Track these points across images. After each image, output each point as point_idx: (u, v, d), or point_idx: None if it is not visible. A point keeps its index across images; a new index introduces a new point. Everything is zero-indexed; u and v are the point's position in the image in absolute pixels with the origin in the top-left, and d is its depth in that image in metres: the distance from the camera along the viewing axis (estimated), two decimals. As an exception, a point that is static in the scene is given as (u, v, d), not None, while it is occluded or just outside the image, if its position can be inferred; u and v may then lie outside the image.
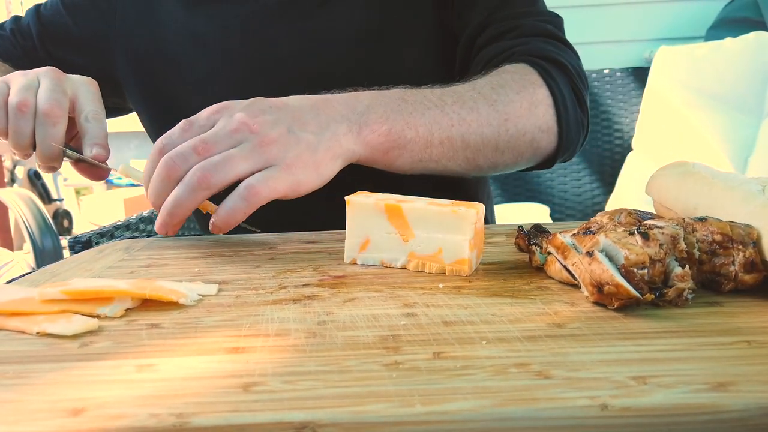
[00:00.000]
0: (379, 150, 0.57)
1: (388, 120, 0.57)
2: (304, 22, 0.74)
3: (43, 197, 3.03)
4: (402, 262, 0.48)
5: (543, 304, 0.39)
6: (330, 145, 0.54)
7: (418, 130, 0.58)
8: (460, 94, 0.61)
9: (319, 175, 0.53)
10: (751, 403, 0.26)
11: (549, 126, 0.65)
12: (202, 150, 0.49)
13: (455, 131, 0.60)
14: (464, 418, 0.26)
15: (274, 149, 0.50)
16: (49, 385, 0.29)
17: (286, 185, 0.50)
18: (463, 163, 0.62)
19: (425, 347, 0.32)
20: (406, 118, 0.58)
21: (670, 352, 0.31)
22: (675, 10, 2.09)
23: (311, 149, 0.52)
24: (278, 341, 0.34)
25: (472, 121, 0.60)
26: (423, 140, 0.59)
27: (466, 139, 0.60)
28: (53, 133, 0.59)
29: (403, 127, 0.57)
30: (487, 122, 0.61)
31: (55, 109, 0.59)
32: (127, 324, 0.37)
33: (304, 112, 0.54)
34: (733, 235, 0.39)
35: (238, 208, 0.49)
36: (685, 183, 0.50)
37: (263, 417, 0.26)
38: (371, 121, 0.56)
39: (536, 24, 0.71)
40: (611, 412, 0.26)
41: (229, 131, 0.50)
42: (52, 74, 0.62)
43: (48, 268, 0.53)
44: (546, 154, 0.68)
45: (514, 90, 0.63)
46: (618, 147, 2.00)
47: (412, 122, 0.58)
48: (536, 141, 0.65)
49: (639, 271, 0.37)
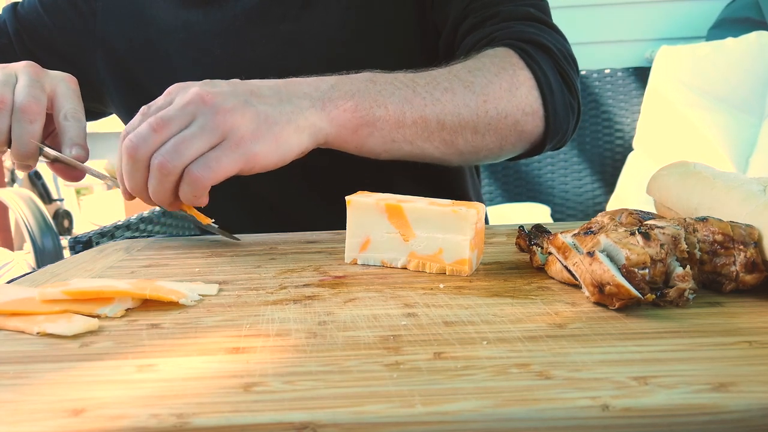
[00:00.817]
0: (346, 128, 0.55)
1: (354, 97, 0.55)
2: (287, 24, 0.73)
3: (43, 197, 3.02)
4: (402, 262, 0.48)
5: (544, 305, 0.39)
6: (291, 117, 0.52)
7: (388, 108, 0.56)
8: (434, 77, 0.60)
9: (278, 147, 0.51)
10: (752, 404, 0.26)
11: (533, 108, 0.63)
12: (157, 126, 0.49)
13: (429, 111, 0.58)
14: (465, 419, 0.26)
15: (228, 120, 0.49)
16: (49, 385, 0.29)
17: (235, 162, 0.49)
18: (440, 146, 0.60)
19: (426, 347, 0.32)
20: (374, 96, 0.56)
21: (671, 353, 0.31)
22: (676, 10, 2.09)
23: (269, 120, 0.51)
24: (279, 341, 0.34)
25: (447, 102, 0.58)
26: (394, 119, 0.57)
27: (441, 119, 0.58)
28: (30, 130, 0.58)
29: (371, 104, 0.56)
30: (464, 103, 0.59)
31: (33, 106, 0.57)
32: (128, 324, 0.37)
33: (264, 88, 0.53)
34: (734, 235, 0.39)
35: (187, 194, 0.50)
36: (686, 183, 0.50)
37: (264, 417, 0.26)
38: (336, 98, 0.55)
39: (516, 9, 0.70)
40: (612, 412, 0.26)
41: (182, 104, 0.50)
42: (30, 69, 0.60)
43: (48, 268, 0.53)
44: (533, 138, 0.65)
45: (492, 72, 0.61)
46: (619, 147, 2.00)
47: (381, 100, 0.56)
48: (520, 124, 0.62)
49: (640, 271, 0.37)
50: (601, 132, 2.01)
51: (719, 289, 0.40)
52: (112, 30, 0.79)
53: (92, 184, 3.44)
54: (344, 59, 0.73)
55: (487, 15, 0.70)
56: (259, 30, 0.74)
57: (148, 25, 0.77)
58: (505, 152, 0.65)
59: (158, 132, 0.49)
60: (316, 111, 0.54)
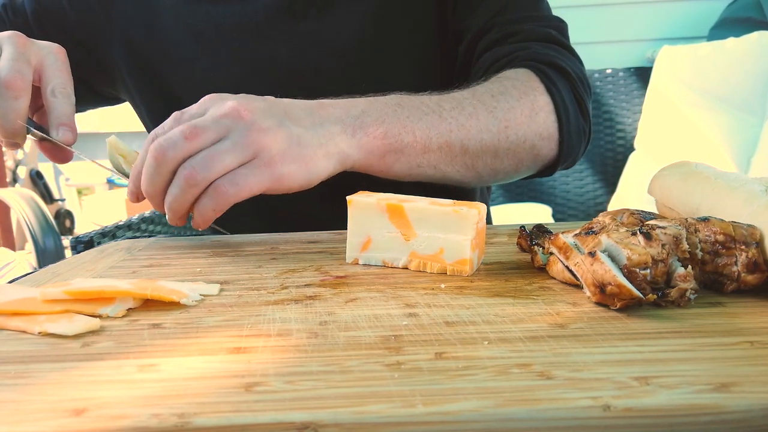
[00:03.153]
0: (375, 154, 0.56)
1: (384, 123, 0.56)
2: (303, 25, 0.73)
3: (44, 197, 3.03)
4: (403, 261, 0.48)
5: (545, 305, 0.39)
6: (323, 141, 0.52)
7: (416, 134, 0.57)
8: (459, 101, 0.61)
9: (307, 170, 0.51)
10: (753, 404, 0.26)
11: (550, 133, 0.64)
12: (189, 135, 0.48)
13: (454, 136, 0.59)
14: (466, 419, 0.26)
15: (262, 139, 0.49)
16: (50, 385, 0.29)
17: (262, 182, 0.49)
18: (461, 169, 0.62)
19: (427, 347, 0.32)
20: (403, 122, 0.57)
21: (673, 353, 0.31)
22: (678, 10, 2.09)
23: (302, 143, 0.51)
24: (280, 341, 0.34)
25: (471, 127, 0.59)
26: (421, 145, 0.58)
27: (465, 144, 0.60)
28: (15, 107, 0.55)
29: (399, 130, 0.57)
30: (487, 128, 0.60)
31: (18, 81, 0.55)
32: (129, 324, 0.37)
33: (298, 109, 0.53)
34: (735, 235, 0.39)
35: (206, 207, 0.49)
36: (687, 183, 0.50)
37: (265, 417, 0.26)
38: (366, 124, 0.55)
39: (539, 28, 0.71)
40: (613, 412, 0.26)
41: (218, 116, 0.49)
42: (15, 39, 0.57)
43: (50, 268, 0.53)
44: (546, 161, 0.67)
45: (514, 97, 0.62)
46: (620, 147, 2.00)
47: (409, 126, 0.57)
48: (536, 148, 0.64)
49: (641, 271, 0.37)
50: (602, 132, 2.01)
51: (721, 290, 0.40)
52: (130, 17, 0.78)
53: (94, 185, 3.44)
54: (362, 61, 0.74)
55: (509, 32, 0.70)
56: (278, 27, 0.74)
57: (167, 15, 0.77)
58: (519, 174, 0.67)
59: (190, 140, 0.48)
60: (346, 137, 0.54)
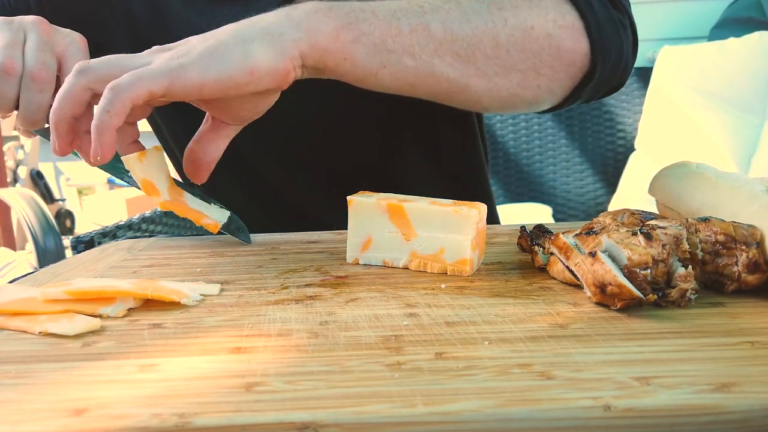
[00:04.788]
0: (322, 32, 0.45)
1: (331, 10, 0.47)
2: None
3: (45, 197, 3.03)
4: (404, 261, 0.48)
5: (545, 305, 0.39)
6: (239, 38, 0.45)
7: (376, 13, 0.47)
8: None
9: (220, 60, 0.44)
10: (754, 404, 0.26)
11: (567, 21, 0.51)
12: None
13: (429, 18, 0.48)
14: (466, 419, 0.26)
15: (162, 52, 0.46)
16: (51, 384, 0.29)
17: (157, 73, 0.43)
18: (455, 62, 0.49)
19: (427, 347, 0.32)
20: (356, 11, 0.47)
21: (673, 353, 0.31)
22: (678, 10, 2.08)
23: (211, 46, 0.45)
24: (280, 341, 0.34)
25: (451, 9, 0.49)
26: (385, 24, 0.47)
27: (447, 27, 0.48)
28: (39, 99, 0.54)
29: (353, 8, 0.47)
30: (473, 9, 0.49)
31: (43, 73, 0.54)
32: (130, 324, 0.37)
33: None
34: (736, 235, 0.39)
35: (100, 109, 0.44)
36: (688, 183, 0.50)
37: (265, 417, 0.26)
38: (307, 8, 0.47)
39: None
40: (614, 412, 0.26)
41: None
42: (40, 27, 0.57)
43: (50, 268, 0.53)
44: (577, 60, 0.52)
45: None
46: (621, 147, 1.99)
47: (368, 8, 0.47)
48: (554, 38, 0.51)
49: (642, 271, 0.37)
50: (603, 132, 2.01)
51: (721, 290, 0.40)
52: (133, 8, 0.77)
53: (94, 184, 3.44)
54: None
55: None
56: None
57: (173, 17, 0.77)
58: (545, 78, 0.53)
59: None
60: (277, 17, 0.46)
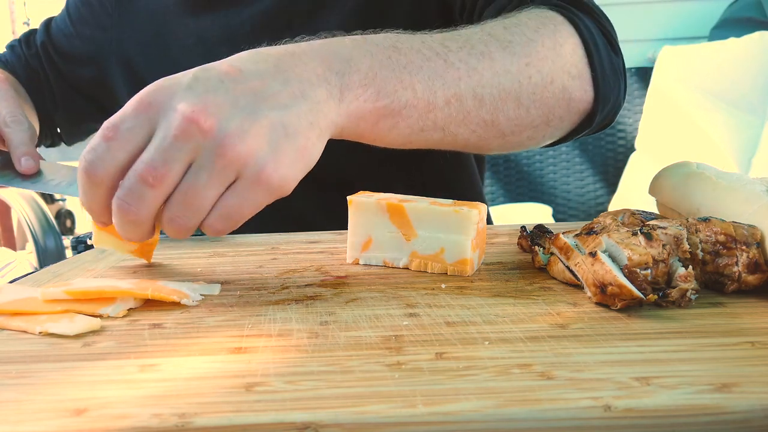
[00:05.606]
0: (366, 120, 0.44)
1: (376, 78, 0.44)
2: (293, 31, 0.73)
3: (45, 197, 3.02)
4: (404, 261, 0.48)
5: (546, 305, 0.39)
6: (311, 119, 0.41)
7: (416, 89, 0.45)
8: (467, 38, 0.49)
9: (305, 162, 0.41)
10: (754, 405, 0.26)
11: (579, 70, 0.53)
12: (153, 181, 0.37)
13: (464, 85, 0.47)
14: (467, 419, 0.26)
15: (240, 150, 0.37)
16: (51, 384, 0.29)
17: (260, 202, 0.40)
18: (478, 128, 0.49)
19: (428, 348, 0.32)
20: (400, 73, 0.45)
21: (674, 353, 0.31)
22: (679, 10, 2.08)
23: (289, 133, 0.39)
24: (280, 341, 0.34)
25: (484, 70, 0.48)
26: (423, 103, 0.46)
27: (479, 94, 0.48)
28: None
29: (395, 86, 0.44)
30: (504, 69, 0.49)
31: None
32: (130, 324, 0.37)
33: (268, 79, 0.40)
34: (736, 235, 0.39)
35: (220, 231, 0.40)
36: (688, 183, 0.50)
37: (265, 417, 0.26)
38: (354, 83, 0.43)
39: None
40: (614, 413, 0.26)
41: (173, 139, 0.37)
42: None
43: (51, 268, 0.53)
44: (581, 108, 0.55)
45: (531, 28, 0.52)
46: (621, 147, 1.99)
47: (407, 79, 0.45)
48: (567, 90, 0.52)
49: (642, 271, 0.37)
50: (603, 132, 2.00)
51: (721, 290, 0.40)
52: (127, 36, 0.80)
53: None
54: None
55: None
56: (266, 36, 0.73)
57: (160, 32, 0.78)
58: (551, 129, 0.55)
59: (155, 186, 0.37)
60: (334, 104, 0.42)
